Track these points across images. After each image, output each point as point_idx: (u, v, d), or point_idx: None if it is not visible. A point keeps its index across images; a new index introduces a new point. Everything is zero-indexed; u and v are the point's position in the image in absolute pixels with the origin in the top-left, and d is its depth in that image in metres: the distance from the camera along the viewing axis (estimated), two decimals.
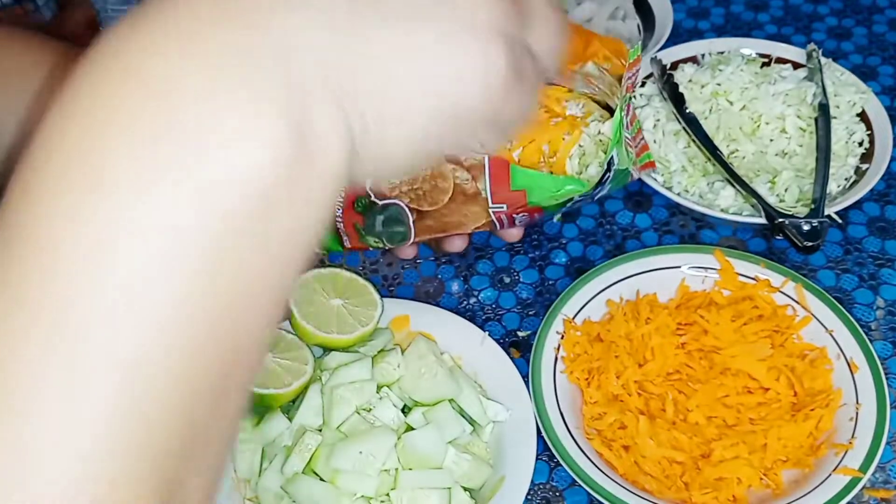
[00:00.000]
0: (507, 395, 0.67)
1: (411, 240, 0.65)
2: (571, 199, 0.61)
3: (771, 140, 0.83)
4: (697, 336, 0.69)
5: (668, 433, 0.64)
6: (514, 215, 0.63)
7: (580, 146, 0.62)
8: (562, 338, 0.70)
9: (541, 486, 0.66)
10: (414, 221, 0.64)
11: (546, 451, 0.66)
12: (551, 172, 0.61)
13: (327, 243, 0.69)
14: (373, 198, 0.63)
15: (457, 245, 0.67)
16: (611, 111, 0.63)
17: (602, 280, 0.73)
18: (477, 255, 0.82)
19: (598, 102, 0.63)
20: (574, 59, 0.64)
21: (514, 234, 0.67)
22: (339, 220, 0.65)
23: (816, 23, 1.02)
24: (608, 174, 0.61)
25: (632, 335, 0.69)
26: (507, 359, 0.69)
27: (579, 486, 0.63)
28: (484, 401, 0.66)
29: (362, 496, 0.61)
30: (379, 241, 0.66)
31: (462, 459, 0.63)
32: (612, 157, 0.60)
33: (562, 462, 0.62)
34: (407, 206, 0.63)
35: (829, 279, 0.77)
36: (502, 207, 0.62)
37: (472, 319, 0.74)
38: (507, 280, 0.80)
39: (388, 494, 0.61)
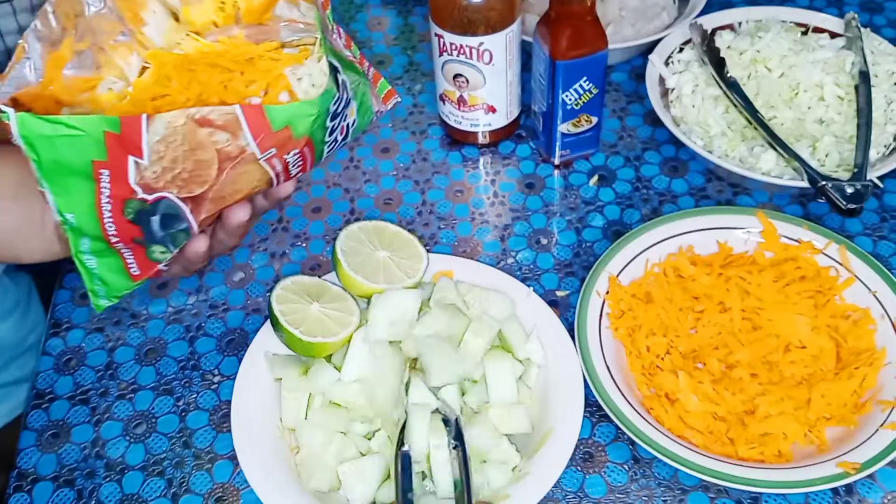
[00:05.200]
0: (553, 349, 0.67)
1: (195, 231, 0.57)
2: (334, 115, 0.56)
3: (809, 107, 0.83)
4: (741, 296, 0.69)
5: (711, 390, 0.64)
6: (288, 162, 0.56)
7: (308, 76, 0.57)
8: (607, 293, 0.70)
9: (584, 441, 0.66)
10: (192, 211, 0.56)
11: (589, 407, 0.66)
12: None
13: (110, 288, 0.59)
14: (140, 194, 0.53)
15: (239, 217, 0.59)
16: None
17: (643, 240, 0.73)
18: (514, 216, 0.82)
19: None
20: (263, 10, 0.60)
21: (288, 188, 0.61)
22: (117, 238, 0.56)
23: None
24: (340, 76, 0.56)
25: (674, 297, 0.70)
26: (551, 313, 0.69)
27: (622, 441, 0.63)
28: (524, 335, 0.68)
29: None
30: (164, 247, 0.58)
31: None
32: (333, 65, 0.55)
33: (610, 414, 0.62)
34: (177, 197, 0.54)
35: (866, 245, 0.77)
36: (272, 152, 0.54)
37: None
38: (545, 241, 0.80)
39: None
